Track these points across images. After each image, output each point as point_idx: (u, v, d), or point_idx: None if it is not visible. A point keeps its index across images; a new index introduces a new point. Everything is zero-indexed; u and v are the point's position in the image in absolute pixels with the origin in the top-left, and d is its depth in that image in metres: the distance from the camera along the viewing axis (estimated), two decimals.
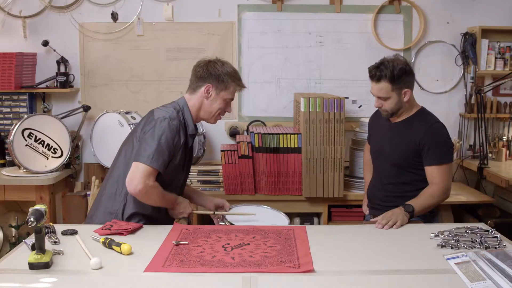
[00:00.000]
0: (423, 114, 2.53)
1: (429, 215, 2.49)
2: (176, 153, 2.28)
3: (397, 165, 2.52)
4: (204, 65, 2.37)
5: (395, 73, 2.38)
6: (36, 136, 3.34)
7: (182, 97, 2.42)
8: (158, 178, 2.22)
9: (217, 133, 3.86)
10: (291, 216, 3.56)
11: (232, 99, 2.41)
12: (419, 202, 2.35)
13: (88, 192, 3.53)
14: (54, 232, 2.04)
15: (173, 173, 2.34)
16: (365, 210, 2.83)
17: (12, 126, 3.33)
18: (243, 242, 1.97)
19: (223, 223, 2.37)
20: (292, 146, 3.25)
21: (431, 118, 2.51)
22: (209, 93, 2.34)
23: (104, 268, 1.72)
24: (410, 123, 2.50)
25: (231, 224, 2.32)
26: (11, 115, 3.76)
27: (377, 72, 2.41)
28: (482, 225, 2.11)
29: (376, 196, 2.64)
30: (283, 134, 3.25)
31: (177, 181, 2.40)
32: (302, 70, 3.81)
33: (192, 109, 2.37)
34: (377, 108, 2.66)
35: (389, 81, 2.39)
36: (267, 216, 2.51)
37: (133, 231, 2.11)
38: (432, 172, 2.42)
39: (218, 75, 2.33)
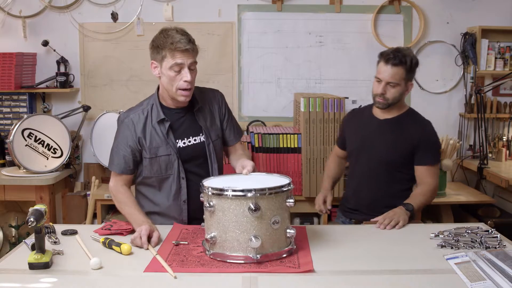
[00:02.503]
0: (415, 113, 2.55)
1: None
2: (143, 147, 2.19)
3: (388, 162, 2.47)
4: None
5: (413, 62, 2.41)
6: (36, 136, 3.34)
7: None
8: (149, 174, 2.23)
9: None
10: (291, 216, 3.56)
11: (178, 64, 2.07)
12: (416, 201, 2.35)
13: (88, 192, 3.54)
14: (54, 232, 2.04)
15: (164, 167, 2.22)
16: (319, 205, 2.68)
17: (12, 126, 3.33)
18: None
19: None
20: (292, 146, 3.25)
21: (422, 117, 2.54)
22: (156, 69, 2.15)
23: (104, 268, 1.71)
24: (402, 121, 2.49)
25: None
26: (11, 115, 3.76)
27: (398, 56, 2.39)
28: (482, 225, 2.11)
29: (361, 198, 2.56)
30: (283, 134, 3.25)
31: (175, 173, 2.22)
32: (302, 70, 3.81)
33: (161, 93, 2.24)
34: (352, 109, 2.65)
35: (407, 68, 2.40)
36: (268, 178, 2.41)
37: (133, 231, 2.10)
38: (424, 172, 2.43)
39: (155, 47, 2.11)
